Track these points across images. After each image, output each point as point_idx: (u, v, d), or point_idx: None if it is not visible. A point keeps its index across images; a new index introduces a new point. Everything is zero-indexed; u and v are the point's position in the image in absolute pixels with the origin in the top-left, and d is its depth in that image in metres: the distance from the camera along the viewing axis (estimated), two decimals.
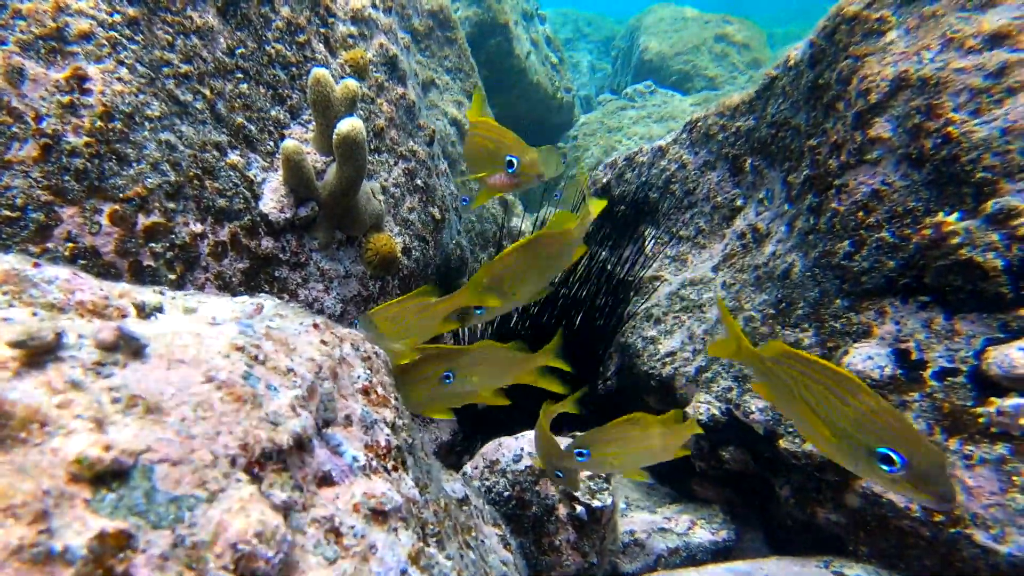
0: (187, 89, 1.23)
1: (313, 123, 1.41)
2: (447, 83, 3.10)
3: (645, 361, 1.68)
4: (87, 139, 1.05)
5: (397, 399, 0.74)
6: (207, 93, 1.27)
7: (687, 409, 1.48)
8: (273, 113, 1.41)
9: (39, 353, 0.44)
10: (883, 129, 1.23)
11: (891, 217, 1.20)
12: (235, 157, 1.29)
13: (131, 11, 1.14)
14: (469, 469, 1.33)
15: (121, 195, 1.09)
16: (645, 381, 1.68)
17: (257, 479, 0.47)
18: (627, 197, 2.15)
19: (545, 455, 1.11)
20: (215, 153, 1.25)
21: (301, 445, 0.53)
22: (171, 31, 1.21)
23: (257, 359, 0.55)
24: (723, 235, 1.80)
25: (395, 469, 0.64)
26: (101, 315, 0.54)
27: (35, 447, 0.40)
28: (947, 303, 1.13)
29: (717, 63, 6.17)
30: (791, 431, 1.30)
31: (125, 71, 1.11)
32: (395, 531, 0.57)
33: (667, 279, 1.88)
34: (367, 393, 0.68)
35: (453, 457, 1.72)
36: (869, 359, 1.18)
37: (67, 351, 0.46)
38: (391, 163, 1.68)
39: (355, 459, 0.60)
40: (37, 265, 0.55)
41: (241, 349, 0.55)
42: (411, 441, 0.73)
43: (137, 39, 1.14)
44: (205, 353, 0.52)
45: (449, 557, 0.66)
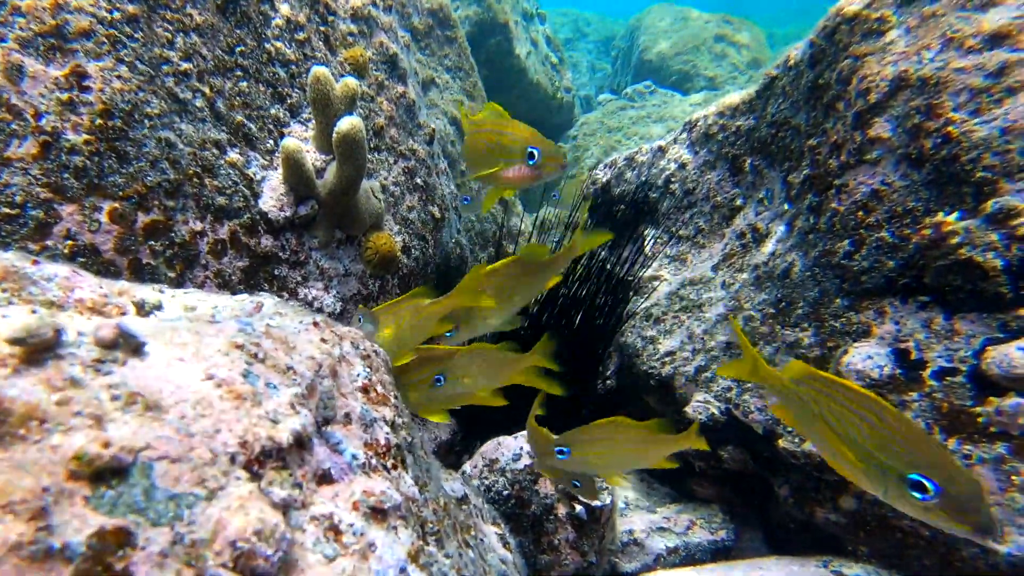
0: (187, 87, 1.22)
1: (313, 121, 1.41)
2: (447, 82, 3.09)
3: (645, 360, 1.68)
4: (86, 137, 1.05)
5: (397, 397, 0.74)
6: (207, 91, 1.27)
7: (687, 410, 1.48)
8: (273, 111, 1.41)
9: (38, 350, 0.44)
10: (883, 129, 1.23)
11: (891, 217, 1.20)
12: (235, 155, 1.29)
13: (131, 8, 1.14)
14: (468, 468, 1.33)
15: (120, 193, 1.09)
16: (644, 380, 1.68)
17: (256, 477, 0.47)
18: (627, 197, 2.14)
19: (538, 451, 1.11)
20: (215, 151, 1.25)
21: (301, 443, 0.53)
22: (171, 29, 1.21)
23: (257, 357, 0.55)
24: (723, 235, 1.80)
25: (394, 467, 0.64)
26: (100, 313, 0.54)
27: (34, 444, 0.40)
28: (947, 303, 1.13)
29: (717, 63, 6.16)
30: (790, 431, 1.30)
31: (125, 69, 1.11)
32: (394, 529, 0.56)
33: (667, 279, 1.88)
34: (367, 391, 0.68)
35: (452, 456, 1.71)
36: (868, 359, 1.18)
37: (66, 348, 0.46)
38: (391, 162, 1.67)
39: (354, 457, 0.59)
40: (36, 263, 0.55)
41: (241, 347, 0.55)
42: (411, 439, 0.73)
43: (137, 37, 1.14)
44: (205, 351, 0.52)
45: (448, 555, 0.66)
